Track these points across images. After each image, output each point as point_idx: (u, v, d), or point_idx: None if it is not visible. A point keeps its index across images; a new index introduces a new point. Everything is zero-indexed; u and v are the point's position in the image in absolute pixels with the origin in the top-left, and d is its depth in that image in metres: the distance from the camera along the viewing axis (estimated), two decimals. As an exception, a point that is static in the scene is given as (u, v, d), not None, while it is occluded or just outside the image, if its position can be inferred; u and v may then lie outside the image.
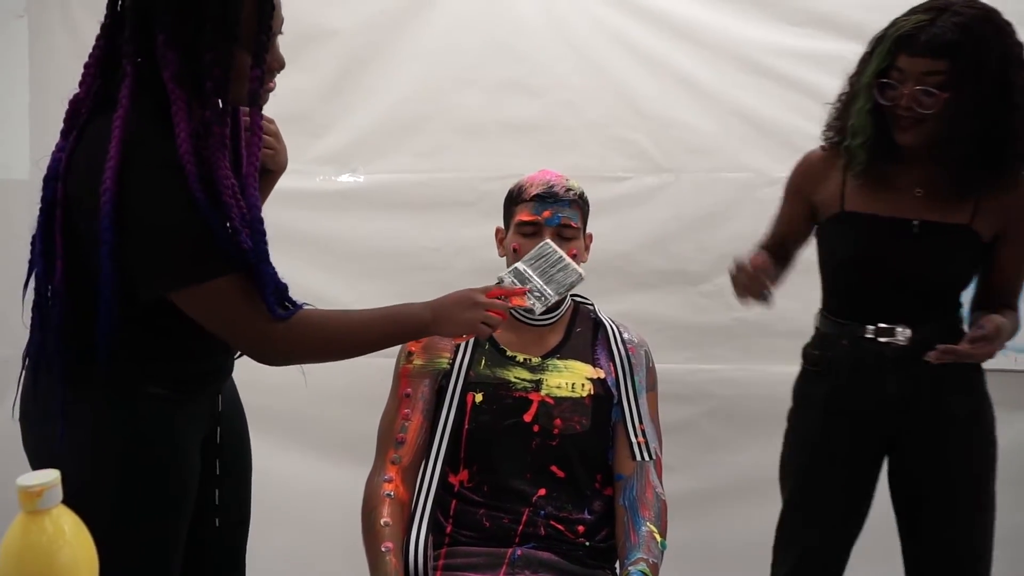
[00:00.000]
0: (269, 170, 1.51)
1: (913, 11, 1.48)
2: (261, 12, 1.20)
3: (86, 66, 1.25)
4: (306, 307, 1.29)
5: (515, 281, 1.44)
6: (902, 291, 1.60)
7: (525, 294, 1.42)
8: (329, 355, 1.34)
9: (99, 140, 1.16)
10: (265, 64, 1.22)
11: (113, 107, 1.17)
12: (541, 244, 1.50)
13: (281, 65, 1.30)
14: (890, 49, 1.48)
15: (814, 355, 1.73)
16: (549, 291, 1.43)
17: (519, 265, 1.46)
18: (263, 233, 1.25)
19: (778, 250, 1.75)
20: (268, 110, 1.51)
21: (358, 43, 2.27)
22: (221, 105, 1.22)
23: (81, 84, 1.25)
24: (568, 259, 1.48)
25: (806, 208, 1.71)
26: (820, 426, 1.70)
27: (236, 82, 1.21)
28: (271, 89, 1.31)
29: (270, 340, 1.25)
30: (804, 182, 1.70)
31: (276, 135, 1.51)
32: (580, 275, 1.46)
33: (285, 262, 1.66)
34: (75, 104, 1.24)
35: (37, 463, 1.28)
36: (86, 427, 1.26)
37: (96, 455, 1.27)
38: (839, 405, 1.66)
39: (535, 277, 1.44)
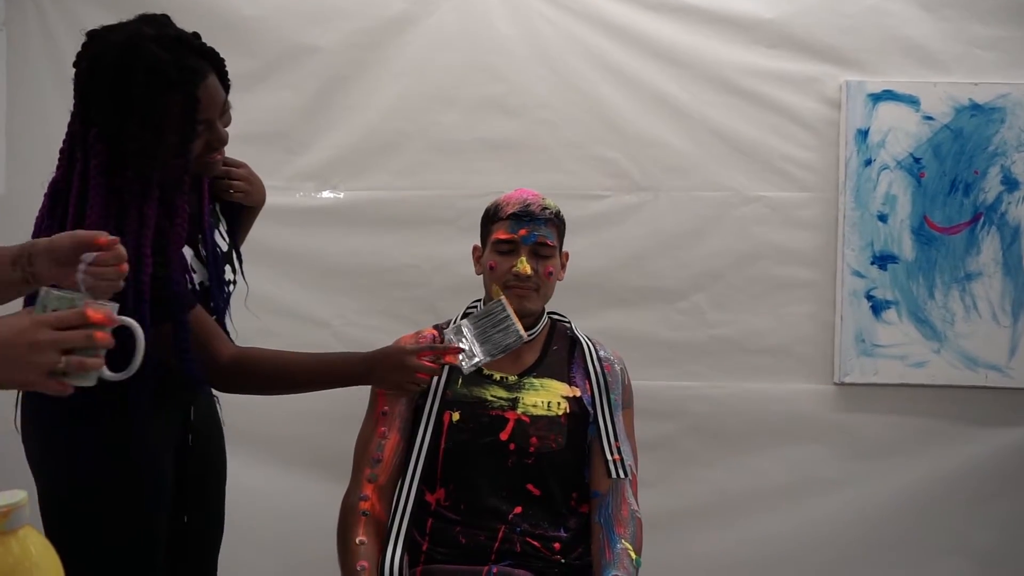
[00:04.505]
0: (247, 207, 1.59)
1: None
2: (186, 106, 1.27)
3: (61, 151, 1.33)
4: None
5: (452, 339, 1.51)
6: None
7: (457, 353, 1.49)
8: (266, 392, 1.50)
9: None
10: (190, 153, 1.31)
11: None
12: (494, 301, 1.54)
13: (222, 143, 1.37)
14: None
15: None
16: (480, 352, 1.50)
17: (463, 323, 1.52)
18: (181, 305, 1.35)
19: None
20: (250, 127, 1.54)
21: (339, 61, 2.28)
22: (146, 186, 1.30)
23: (58, 168, 1.33)
24: (514, 320, 1.50)
25: None
26: None
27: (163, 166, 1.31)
28: (219, 161, 1.40)
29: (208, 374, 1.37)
30: None
31: (247, 178, 1.58)
32: (520, 337, 1.51)
33: (265, 277, 1.67)
34: (54, 185, 1.32)
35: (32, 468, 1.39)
36: (66, 437, 1.34)
37: (72, 462, 1.34)
38: None
39: (472, 337, 1.50)
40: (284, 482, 2.25)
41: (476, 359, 1.50)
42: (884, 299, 2.26)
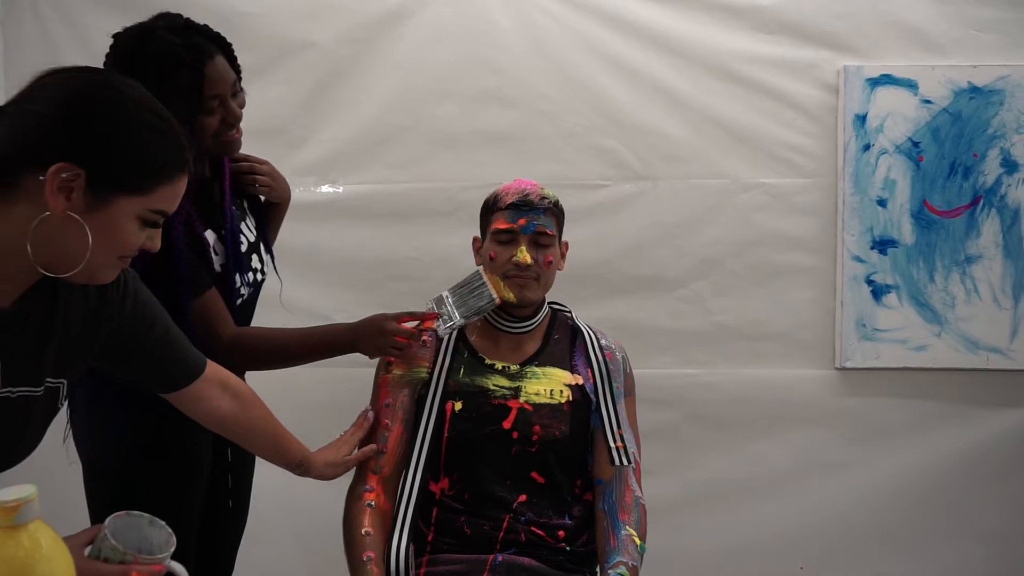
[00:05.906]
0: (274, 204, 1.69)
1: None
2: (194, 81, 1.41)
3: None
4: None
5: (432, 306, 1.61)
6: None
7: (436, 319, 1.58)
8: (263, 368, 1.58)
9: None
10: (202, 125, 1.43)
11: None
12: (472, 272, 1.61)
13: (236, 119, 1.48)
14: None
15: None
16: (457, 315, 1.58)
17: (443, 292, 1.61)
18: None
19: None
20: (248, 122, 1.54)
21: (336, 55, 2.28)
22: None
23: None
24: (488, 286, 1.57)
25: None
26: None
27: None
28: (237, 140, 1.51)
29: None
30: None
31: (270, 173, 1.67)
32: (491, 300, 1.58)
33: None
34: None
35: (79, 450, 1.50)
36: (115, 419, 1.45)
37: (120, 444, 1.46)
38: None
39: (450, 303, 1.59)
40: (288, 475, 2.25)
41: (452, 322, 1.58)
42: (884, 284, 2.27)
